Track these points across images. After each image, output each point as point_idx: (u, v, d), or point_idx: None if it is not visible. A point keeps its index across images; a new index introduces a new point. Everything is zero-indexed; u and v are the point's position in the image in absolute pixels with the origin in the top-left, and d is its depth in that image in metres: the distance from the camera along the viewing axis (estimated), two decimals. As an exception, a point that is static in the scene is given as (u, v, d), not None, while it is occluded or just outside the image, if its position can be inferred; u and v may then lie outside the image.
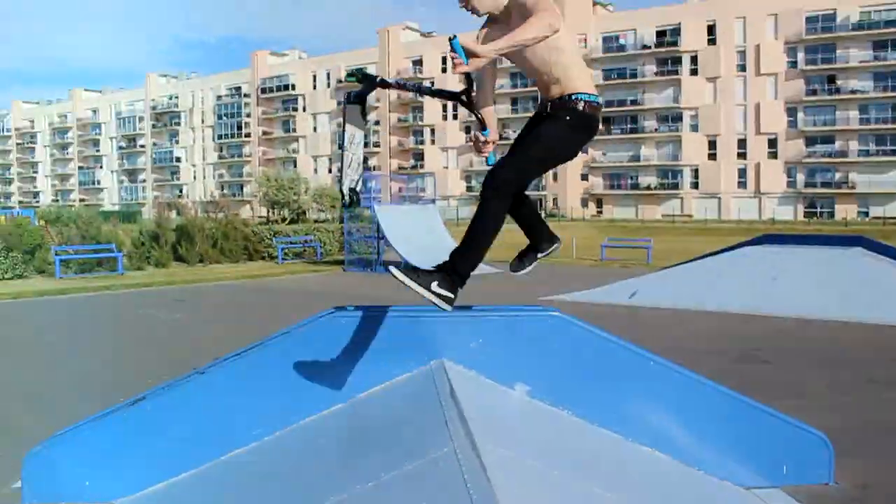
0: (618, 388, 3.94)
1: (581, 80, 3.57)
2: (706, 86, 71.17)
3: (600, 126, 3.79)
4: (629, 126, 75.35)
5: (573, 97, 3.53)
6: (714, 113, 70.34)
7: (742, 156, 70.17)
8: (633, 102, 74.57)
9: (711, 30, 70.82)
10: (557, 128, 3.56)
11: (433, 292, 3.40)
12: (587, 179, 77.21)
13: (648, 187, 74.14)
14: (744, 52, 69.54)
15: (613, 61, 75.61)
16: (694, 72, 71.66)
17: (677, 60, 72.35)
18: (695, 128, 71.85)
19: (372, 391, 3.76)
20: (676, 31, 72.06)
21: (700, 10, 71.56)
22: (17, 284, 18.53)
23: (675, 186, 72.78)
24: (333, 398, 3.82)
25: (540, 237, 3.97)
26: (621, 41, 75.48)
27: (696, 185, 72.21)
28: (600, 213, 75.26)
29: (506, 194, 3.54)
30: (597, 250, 26.50)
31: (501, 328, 3.87)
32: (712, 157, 71.31)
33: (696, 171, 72.02)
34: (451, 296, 3.44)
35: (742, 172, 70.39)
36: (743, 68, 69.71)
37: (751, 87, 69.21)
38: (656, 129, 73.84)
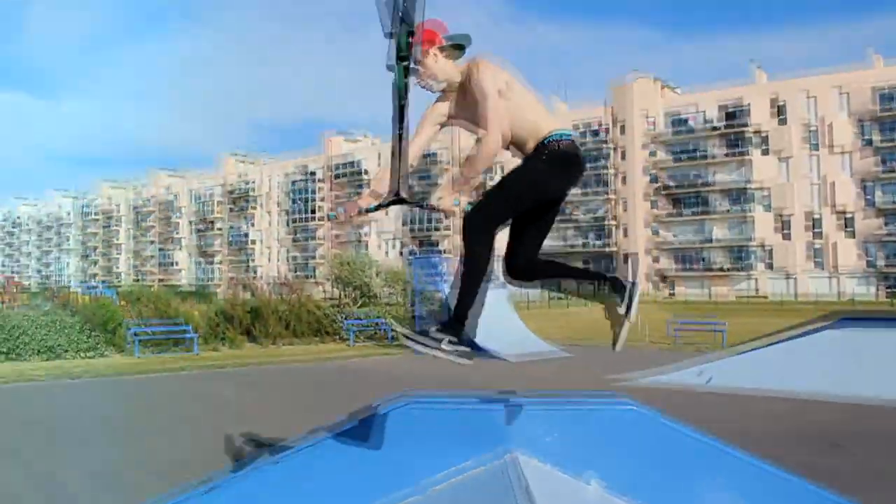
0: (696, 483, 3.83)
1: (546, 124, 3.67)
2: (776, 164, 70.38)
3: (584, 166, 3.84)
4: (699, 206, 74.71)
5: (546, 141, 3.61)
6: (785, 191, 69.33)
7: (816, 234, 68.72)
8: (702, 182, 74.05)
9: (780, 109, 70.36)
10: (532, 164, 3.63)
11: (446, 351, 3.51)
12: (657, 260, 76.37)
13: (720, 268, 72.95)
14: (814, 129, 68.77)
15: (681, 141, 75.52)
16: (764, 150, 71.01)
17: (746, 139, 71.88)
18: (766, 206, 70.83)
19: (445, 484, 3.72)
20: (744, 111, 71.77)
21: (768, 88, 71.31)
22: (96, 362, 19.04)
23: (748, 266, 71.46)
24: (407, 490, 3.80)
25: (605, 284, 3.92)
26: (689, 122, 75.47)
27: (769, 265, 70.80)
28: (671, 293, 74.10)
29: (484, 231, 3.62)
30: (668, 331, 26.02)
31: (576, 420, 3.83)
32: (785, 235, 70.01)
33: (769, 250, 70.73)
34: (465, 349, 3.55)
35: (817, 251, 68.84)
36: (814, 146, 68.85)
37: (823, 164, 68.20)
38: (727, 209, 73.04)
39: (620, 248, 77.71)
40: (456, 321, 3.63)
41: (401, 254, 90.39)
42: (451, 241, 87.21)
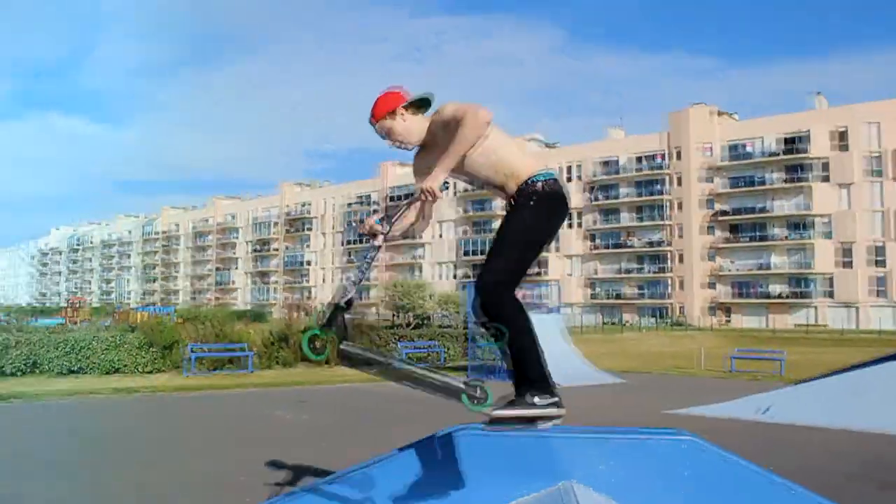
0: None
1: (529, 165, 3.66)
2: (837, 192, 69.05)
3: (570, 204, 3.79)
4: (757, 233, 73.53)
5: (529, 182, 3.60)
6: (847, 219, 67.90)
7: (880, 263, 67.09)
8: (761, 210, 72.91)
9: (841, 135, 69.09)
10: (524, 214, 3.59)
11: (538, 406, 3.50)
12: (714, 288, 75.26)
13: (779, 296, 71.58)
14: (878, 157, 67.34)
15: (739, 169, 74.57)
16: (824, 178, 69.71)
17: (806, 167, 70.65)
18: (827, 235, 69.43)
19: (499, 511, 3.70)
20: (804, 138, 70.60)
21: (829, 116, 70.14)
22: (154, 378, 19.42)
23: (808, 295, 70.01)
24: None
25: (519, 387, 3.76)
26: (747, 149, 74.48)
27: (829, 294, 69.28)
28: (728, 321, 72.94)
29: (507, 296, 3.56)
30: (725, 361, 25.55)
31: (631, 450, 3.76)
32: (847, 264, 68.47)
33: (830, 279, 69.23)
34: (554, 398, 3.53)
35: (880, 280, 67.18)
36: (877, 173, 67.38)
37: (886, 192, 66.69)
38: (786, 237, 71.77)
39: (676, 275, 76.91)
40: (539, 382, 3.59)
41: (454, 276, 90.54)
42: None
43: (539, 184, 3.60)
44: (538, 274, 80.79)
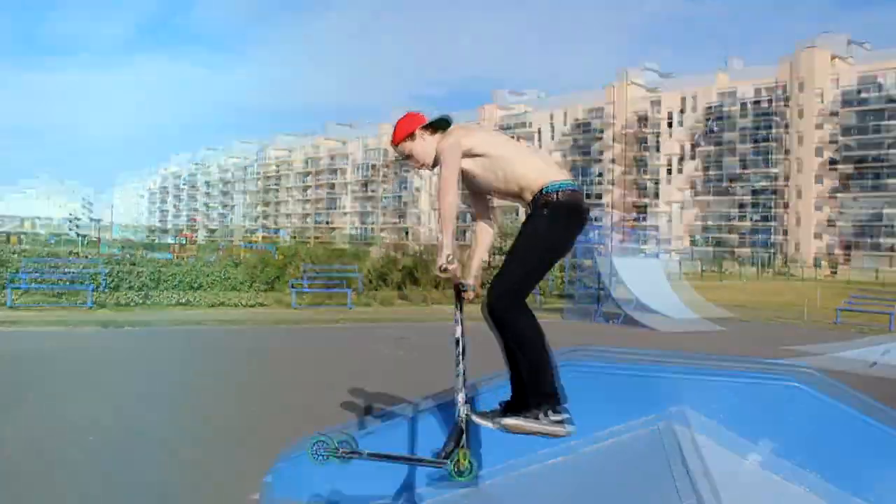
0: (861, 467, 3.64)
1: (543, 174, 3.61)
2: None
3: (589, 213, 3.73)
4: (870, 183, 70.25)
5: (543, 191, 3.56)
6: (973, 169, 64.24)
7: None
8: (876, 159, 69.45)
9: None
10: (537, 223, 3.57)
11: (550, 420, 3.51)
12: (821, 238, 72.61)
13: (891, 248, 68.54)
14: None
15: (854, 115, 71.03)
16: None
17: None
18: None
19: (597, 446, 3.72)
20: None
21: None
22: (258, 312, 20.10)
23: (924, 248, 66.89)
24: (556, 449, 3.81)
25: (521, 400, 3.74)
26: (862, 95, 70.74)
27: (949, 247, 66.02)
28: (834, 273, 70.47)
29: (516, 305, 3.57)
30: (831, 312, 24.70)
31: (735, 392, 3.71)
32: (969, 217, 65.01)
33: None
34: (567, 415, 3.53)
35: None
36: None
37: None
38: (903, 186, 68.45)
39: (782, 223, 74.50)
40: (551, 397, 3.57)
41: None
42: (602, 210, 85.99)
43: (553, 194, 3.57)
44: (636, 220, 79.60)
